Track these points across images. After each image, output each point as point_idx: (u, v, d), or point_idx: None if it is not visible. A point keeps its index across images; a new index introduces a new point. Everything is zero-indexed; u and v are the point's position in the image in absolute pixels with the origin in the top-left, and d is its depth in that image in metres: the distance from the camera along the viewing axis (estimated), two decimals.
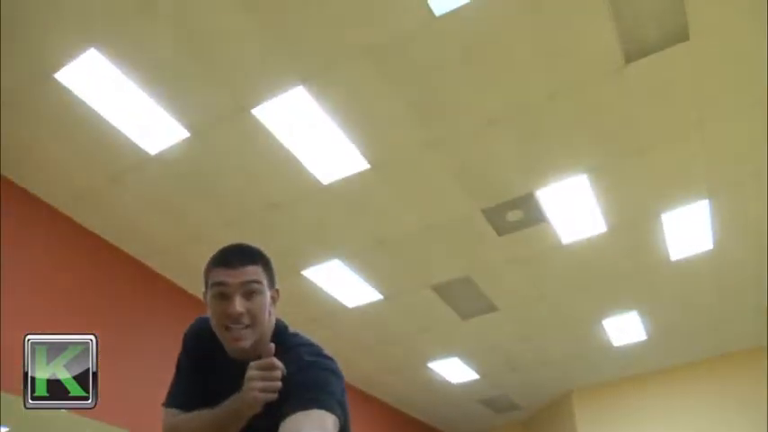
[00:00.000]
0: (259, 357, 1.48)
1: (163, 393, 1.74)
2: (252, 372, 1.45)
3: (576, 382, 9.31)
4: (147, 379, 5.26)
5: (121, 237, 5.51)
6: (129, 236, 5.50)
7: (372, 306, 6.68)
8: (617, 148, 4.85)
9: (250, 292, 1.55)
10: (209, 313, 1.60)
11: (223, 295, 1.54)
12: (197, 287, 5.52)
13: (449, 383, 8.80)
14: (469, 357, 8.20)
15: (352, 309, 6.70)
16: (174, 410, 1.65)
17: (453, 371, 8.44)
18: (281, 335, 1.64)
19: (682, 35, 3.90)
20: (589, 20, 3.82)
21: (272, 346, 1.49)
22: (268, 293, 1.59)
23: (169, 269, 5.96)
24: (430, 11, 3.70)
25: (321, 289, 6.30)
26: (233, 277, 1.54)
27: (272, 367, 1.45)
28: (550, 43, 3.97)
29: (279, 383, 1.44)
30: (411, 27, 3.81)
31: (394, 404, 9.45)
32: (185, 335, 1.78)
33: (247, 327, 1.54)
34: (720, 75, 4.23)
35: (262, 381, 1.44)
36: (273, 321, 1.64)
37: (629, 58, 4.05)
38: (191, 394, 1.66)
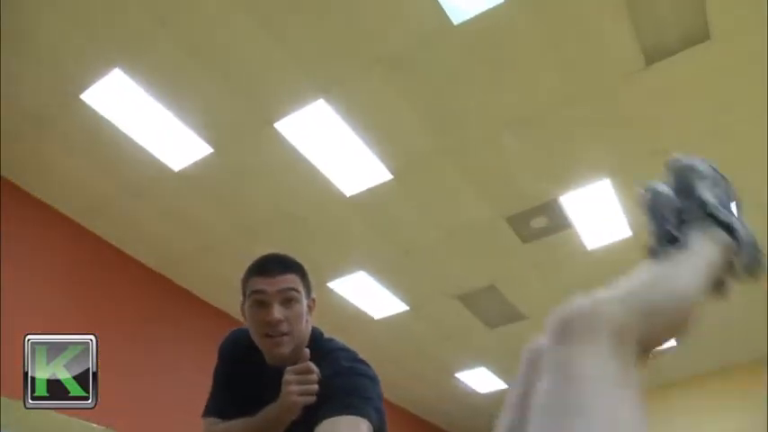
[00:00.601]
0: (296, 363, 1.50)
1: (184, 404, 1.75)
2: (289, 376, 1.48)
3: None
4: (168, 391, 5.31)
5: (146, 251, 5.58)
6: (154, 251, 5.57)
7: (398, 317, 6.68)
8: (640, 150, 4.81)
9: (288, 300, 1.58)
10: (246, 323, 1.63)
11: (262, 303, 1.57)
12: (223, 301, 5.57)
13: (476, 393, 8.73)
14: (497, 367, 8.14)
15: (379, 320, 6.70)
16: (213, 419, 1.68)
17: (481, 380, 8.39)
18: (318, 341, 1.66)
19: (702, 35, 3.87)
20: (608, 23, 3.81)
21: (308, 351, 1.52)
22: (305, 302, 1.62)
23: (193, 283, 6.02)
24: (448, 19, 3.72)
25: (347, 301, 6.31)
26: (271, 285, 1.57)
27: (309, 371, 1.48)
28: (570, 48, 3.98)
29: (316, 386, 1.47)
30: (429, 36, 3.83)
31: (421, 415, 9.39)
32: (221, 346, 1.80)
33: (286, 334, 1.56)
34: (743, 74, 4.18)
35: (299, 384, 1.46)
36: (310, 329, 1.66)
37: (650, 59, 4.03)
38: (229, 403, 1.68)
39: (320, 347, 1.61)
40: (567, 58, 4.04)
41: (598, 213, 5.43)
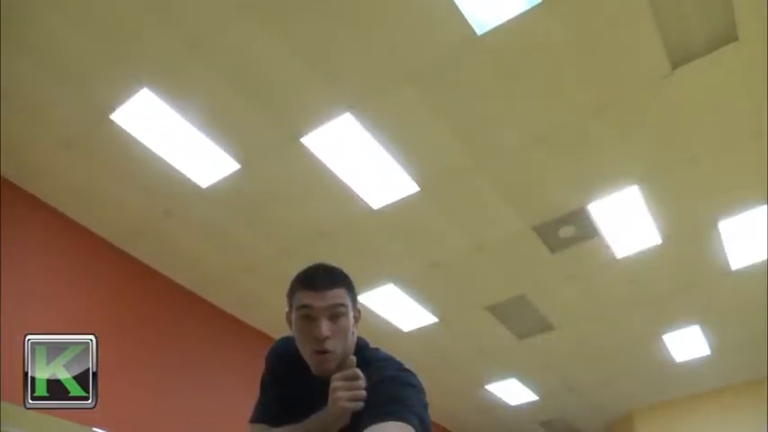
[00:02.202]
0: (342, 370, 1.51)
1: (218, 421, 1.76)
2: (336, 383, 1.47)
3: (637, 401, 9.04)
4: (201, 408, 5.33)
5: (174, 268, 5.62)
6: (182, 267, 5.61)
7: (428, 329, 6.66)
8: (668, 156, 4.77)
9: (335, 315, 1.57)
10: (292, 332, 1.63)
11: (309, 317, 1.56)
12: (249, 315, 5.60)
13: (507, 405, 8.66)
14: (527, 378, 8.07)
15: (408, 332, 6.68)
16: (260, 426, 1.69)
17: (511, 392, 8.32)
18: (363, 351, 1.65)
19: (730, 36, 3.82)
20: (632, 28, 3.79)
21: (354, 358, 1.52)
22: (351, 314, 1.62)
23: (221, 298, 6.05)
24: (471, 30, 3.72)
25: (376, 314, 6.30)
26: (319, 300, 1.56)
27: (356, 377, 1.47)
28: (594, 54, 3.95)
29: (364, 392, 1.45)
30: (453, 47, 3.84)
31: (451, 427, 9.33)
32: (268, 354, 1.81)
33: (331, 351, 1.55)
34: None
35: (347, 390, 1.45)
36: (355, 339, 1.66)
37: (676, 63, 3.99)
38: (276, 410, 1.69)
39: (365, 357, 1.60)
40: (592, 65, 4.02)
41: (627, 221, 5.37)
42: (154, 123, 4.24)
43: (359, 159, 4.58)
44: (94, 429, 4.21)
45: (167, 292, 5.65)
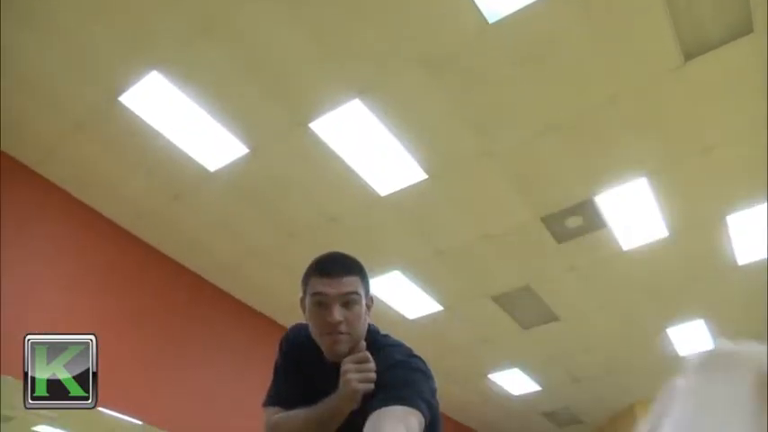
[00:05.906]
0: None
1: (225, 407, 1.78)
2: (347, 365, 1.53)
3: (640, 394, 9.02)
4: (208, 392, 5.35)
5: (182, 252, 5.64)
6: (190, 251, 5.63)
7: (432, 317, 6.66)
8: (678, 149, 4.74)
9: (348, 302, 1.61)
10: (306, 318, 1.67)
11: (322, 304, 1.61)
12: (256, 301, 5.62)
13: (510, 395, 8.68)
14: (530, 368, 8.08)
15: (413, 320, 6.68)
16: (273, 409, 1.73)
17: (514, 382, 8.33)
18: (374, 337, 1.71)
19: (745, 28, 3.78)
20: (646, 18, 3.75)
21: (364, 342, 1.58)
22: (364, 302, 1.66)
23: (228, 283, 6.06)
24: (483, 18, 3.70)
25: (381, 300, 6.29)
26: (333, 288, 1.61)
27: (366, 360, 1.53)
28: (606, 45, 3.93)
29: (374, 374, 1.51)
30: (465, 36, 3.82)
31: (453, 416, 9.36)
32: (282, 339, 1.86)
33: (344, 333, 1.60)
34: None
35: (358, 372, 1.50)
36: (366, 327, 1.70)
37: (689, 55, 3.96)
38: (289, 394, 1.73)
39: (376, 343, 1.66)
40: (604, 56, 3.99)
41: (634, 213, 5.35)
42: (163, 106, 4.24)
43: (367, 146, 4.57)
44: (100, 409, 4.24)
45: (173, 275, 5.67)
